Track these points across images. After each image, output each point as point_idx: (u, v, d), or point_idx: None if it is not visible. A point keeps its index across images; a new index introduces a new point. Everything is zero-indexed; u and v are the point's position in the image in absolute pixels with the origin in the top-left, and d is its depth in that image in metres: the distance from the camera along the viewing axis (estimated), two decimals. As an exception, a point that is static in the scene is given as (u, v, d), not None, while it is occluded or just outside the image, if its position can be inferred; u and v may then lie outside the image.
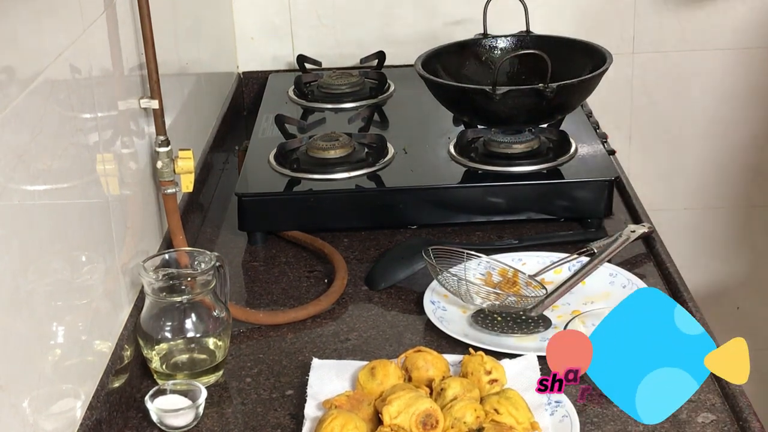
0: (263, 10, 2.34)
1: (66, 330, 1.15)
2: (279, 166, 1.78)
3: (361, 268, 1.62)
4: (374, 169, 1.76)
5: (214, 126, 2.05)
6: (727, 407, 1.25)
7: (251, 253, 1.70)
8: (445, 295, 1.49)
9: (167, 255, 1.39)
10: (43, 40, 1.12)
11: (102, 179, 1.29)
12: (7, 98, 1.00)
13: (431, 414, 1.17)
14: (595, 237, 1.63)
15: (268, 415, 1.28)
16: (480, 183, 1.73)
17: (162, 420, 1.26)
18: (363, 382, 1.26)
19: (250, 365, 1.39)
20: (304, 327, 1.48)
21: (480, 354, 1.28)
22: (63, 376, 1.14)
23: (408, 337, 1.44)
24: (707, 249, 2.51)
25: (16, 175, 1.02)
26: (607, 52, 1.81)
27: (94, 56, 1.28)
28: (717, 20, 2.32)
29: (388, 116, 2.07)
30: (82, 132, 1.23)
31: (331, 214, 1.72)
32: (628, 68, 2.36)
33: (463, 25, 2.27)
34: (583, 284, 1.51)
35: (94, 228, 1.26)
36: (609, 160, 1.77)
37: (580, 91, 1.77)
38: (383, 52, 2.27)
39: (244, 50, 2.38)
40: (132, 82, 1.45)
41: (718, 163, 2.44)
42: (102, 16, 1.32)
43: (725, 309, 2.53)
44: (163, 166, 1.47)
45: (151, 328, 1.33)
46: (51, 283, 1.11)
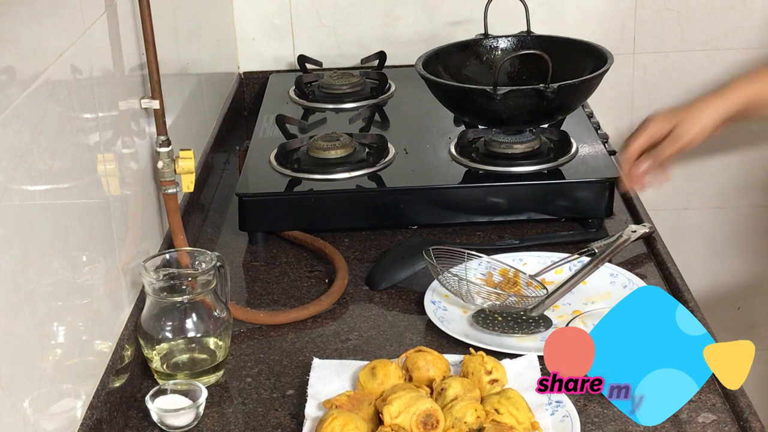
0: (264, 11, 2.34)
1: (67, 330, 1.15)
2: (280, 166, 1.78)
3: (361, 268, 1.62)
4: (375, 170, 1.76)
5: (215, 126, 2.05)
6: (727, 407, 1.25)
7: (252, 253, 1.70)
8: (445, 295, 1.49)
9: (168, 255, 1.39)
10: (43, 41, 1.12)
11: (103, 179, 1.29)
12: (8, 99, 1.00)
13: (432, 414, 1.17)
14: (595, 237, 1.63)
15: (269, 415, 1.28)
16: (481, 183, 1.73)
17: (162, 420, 1.26)
18: (363, 382, 1.26)
19: (251, 365, 1.39)
20: (304, 327, 1.48)
21: (480, 354, 1.28)
22: (64, 376, 1.14)
23: (408, 337, 1.44)
24: (708, 249, 2.51)
25: (17, 175, 1.02)
26: (608, 53, 1.81)
27: (94, 56, 1.28)
28: (718, 21, 2.32)
29: (388, 116, 2.07)
30: (83, 132, 1.24)
31: (331, 214, 1.72)
32: (629, 68, 2.36)
33: (463, 25, 2.27)
34: (584, 284, 1.51)
35: (94, 228, 1.26)
36: (610, 161, 1.77)
37: (581, 91, 1.77)
38: (384, 53, 2.27)
39: (244, 50, 2.38)
40: (133, 82, 1.45)
41: (719, 164, 2.44)
42: (103, 16, 1.32)
43: (726, 309, 2.53)
44: (164, 166, 1.47)
45: (152, 327, 1.33)
46: (52, 283, 1.11)
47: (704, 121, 1.47)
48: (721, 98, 1.48)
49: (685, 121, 1.48)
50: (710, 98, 1.49)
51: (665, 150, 1.49)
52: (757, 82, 1.48)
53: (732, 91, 1.48)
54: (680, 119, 1.49)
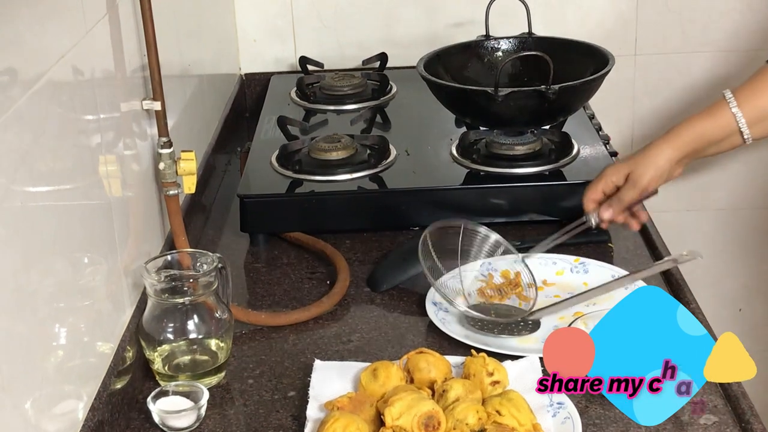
0: (265, 12, 2.34)
1: (68, 331, 1.15)
2: (281, 167, 1.78)
3: (363, 269, 1.62)
4: (376, 171, 1.76)
5: (217, 127, 2.05)
6: (729, 409, 1.25)
7: (253, 255, 1.70)
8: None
9: (169, 256, 1.39)
10: (45, 42, 1.12)
11: (104, 181, 1.29)
12: (9, 100, 1.00)
13: (433, 416, 1.17)
14: (596, 238, 1.63)
15: (270, 417, 1.28)
16: (482, 184, 1.73)
17: (164, 421, 1.26)
18: (365, 384, 1.26)
19: (252, 366, 1.39)
20: (306, 328, 1.48)
21: (482, 355, 1.28)
22: (65, 378, 1.14)
23: (410, 338, 1.44)
24: (709, 250, 2.51)
25: (19, 176, 1.02)
26: (609, 54, 1.81)
27: (96, 58, 1.29)
28: (719, 22, 2.32)
29: (390, 118, 2.07)
30: (85, 133, 1.24)
31: (333, 215, 1.72)
32: (630, 70, 2.36)
33: (465, 26, 2.27)
34: (585, 285, 1.51)
35: (96, 229, 1.26)
36: (611, 162, 1.77)
37: (582, 92, 1.77)
38: (385, 54, 2.27)
39: (246, 52, 2.38)
40: (134, 84, 1.45)
41: (720, 165, 2.44)
42: (104, 17, 1.32)
43: (727, 311, 2.53)
44: (166, 167, 1.47)
45: (153, 329, 1.33)
46: (53, 284, 1.11)
47: (658, 163, 1.51)
48: (670, 140, 1.52)
49: (639, 164, 1.52)
50: (660, 140, 1.54)
51: (625, 195, 1.53)
52: (704, 120, 1.51)
53: (680, 133, 1.52)
54: (635, 164, 1.52)
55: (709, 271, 2.50)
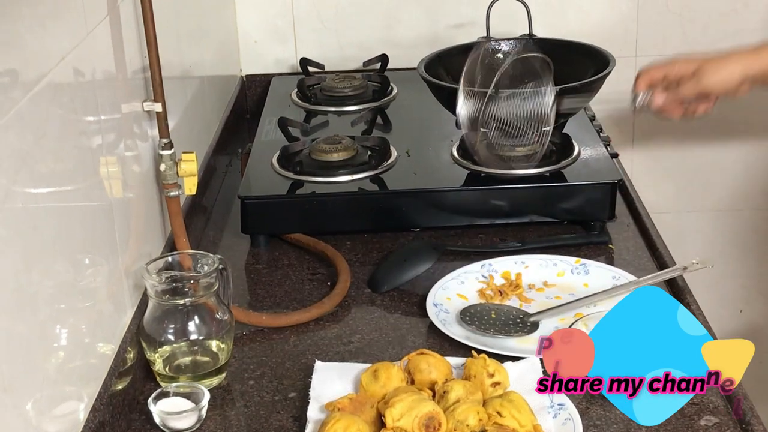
0: (266, 14, 2.35)
1: (69, 332, 1.15)
2: (282, 168, 1.79)
3: (363, 270, 1.62)
4: (377, 172, 1.76)
5: (217, 129, 2.05)
6: (729, 410, 1.25)
7: (254, 256, 1.70)
8: (447, 297, 1.49)
9: (170, 258, 1.39)
10: (46, 44, 1.12)
11: (105, 182, 1.29)
12: (10, 101, 1.00)
13: (434, 417, 1.17)
14: (598, 240, 1.63)
15: (271, 418, 1.29)
16: (483, 186, 1.73)
17: (165, 422, 1.26)
18: (366, 385, 1.26)
19: (253, 368, 1.39)
20: (306, 329, 1.48)
21: (483, 357, 1.28)
22: (66, 379, 1.14)
23: (411, 339, 1.44)
24: (710, 251, 2.51)
25: (20, 177, 1.02)
26: (610, 55, 1.82)
27: (97, 59, 1.29)
28: (720, 23, 2.32)
29: (390, 119, 2.08)
30: (86, 135, 1.24)
31: (333, 216, 1.72)
32: (630, 71, 2.35)
33: (465, 28, 2.27)
34: (586, 286, 1.51)
35: (97, 231, 1.26)
36: (612, 163, 1.77)
37: (583, 94, 1.77)
38: (386, 55, 2.28)
39: (247, 53, 2.38)
40: (135, 85, 1.45)
41: (721, 166, 2.44)
42: (105, 19, 1.32)
43: (728, 312, 2.53)
44: (167, 168, 1.47)
45: (154, 330, 1.33)
46: (54, 285, 1.11)
47: (729, 69, 1.46)
48: (750, 55, 1.47)
49: (712, 64, 1.47)
50: (740, 52, 1.47)
51: (685, 88, 1.47)
52: None
53: (762, 54, 1.47)
54: (708, 62, 1.48)
55: (709, 272, 2.49)
